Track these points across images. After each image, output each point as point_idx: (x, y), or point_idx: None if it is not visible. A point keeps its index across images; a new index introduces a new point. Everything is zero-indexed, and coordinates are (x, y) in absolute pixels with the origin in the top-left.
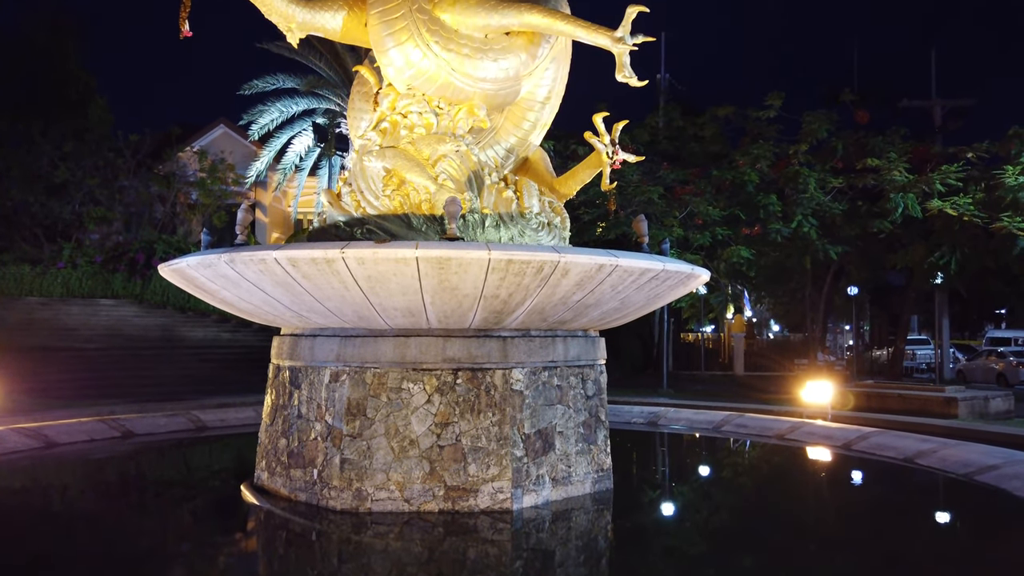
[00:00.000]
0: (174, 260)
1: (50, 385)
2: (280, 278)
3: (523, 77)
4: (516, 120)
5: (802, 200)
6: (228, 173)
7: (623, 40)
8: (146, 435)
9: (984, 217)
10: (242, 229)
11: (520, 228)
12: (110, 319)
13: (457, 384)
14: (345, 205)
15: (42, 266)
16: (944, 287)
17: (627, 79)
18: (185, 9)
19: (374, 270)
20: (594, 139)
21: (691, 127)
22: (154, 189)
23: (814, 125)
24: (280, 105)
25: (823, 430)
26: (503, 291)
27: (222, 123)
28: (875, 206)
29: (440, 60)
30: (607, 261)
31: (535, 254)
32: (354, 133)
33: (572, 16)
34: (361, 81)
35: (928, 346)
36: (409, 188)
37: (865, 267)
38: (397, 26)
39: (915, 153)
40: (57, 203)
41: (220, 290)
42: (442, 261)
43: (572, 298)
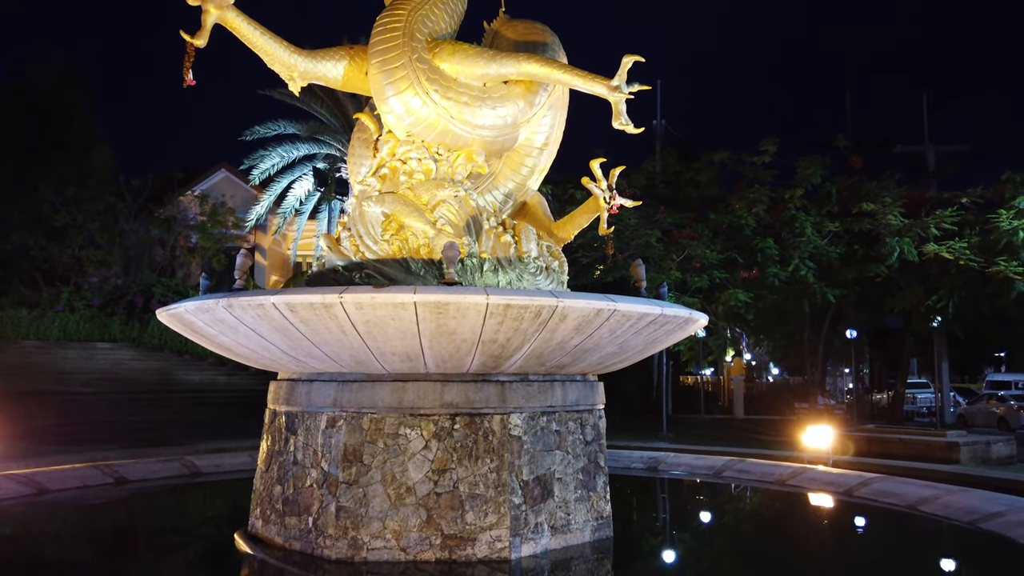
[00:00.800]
0: (172, 305)
1: (44, 430)
2: (278, 323)
3: (521, 124)
4: (514, 165)
5: (799, 244)
6: (228, 217)
7: (619, 89)
8: (140, 481)
9: (980, 261)
10: (241, 274)
11: (518, 272)
12: (107, 363)
13: (455, 429)
14: (344, 250)
15: (40, 310)
16: (942, 330)
17: (623, 126)
18: (189, 59)
19: (372, 315)
20: (591, 184)
21: (687, 172)
22: (154, 233)
23: (809, 170)
24: (281, 150)
25: (825, 476)
26: (501, 335)
27: (223, 168)
28: (871, 250)
29: (439, 108)
30: (605, 306)
31: (533, 299)
32: (354, 179)
33: (569, 65)
34: (361, 128)
35: (928, 390)
36: (408, 233)
37: (863, 310)
38: (397, 75)
39: (910, 198)
40: (57, 247)
41: (218, 335)
42: (440, 306)
43: (570, 342)
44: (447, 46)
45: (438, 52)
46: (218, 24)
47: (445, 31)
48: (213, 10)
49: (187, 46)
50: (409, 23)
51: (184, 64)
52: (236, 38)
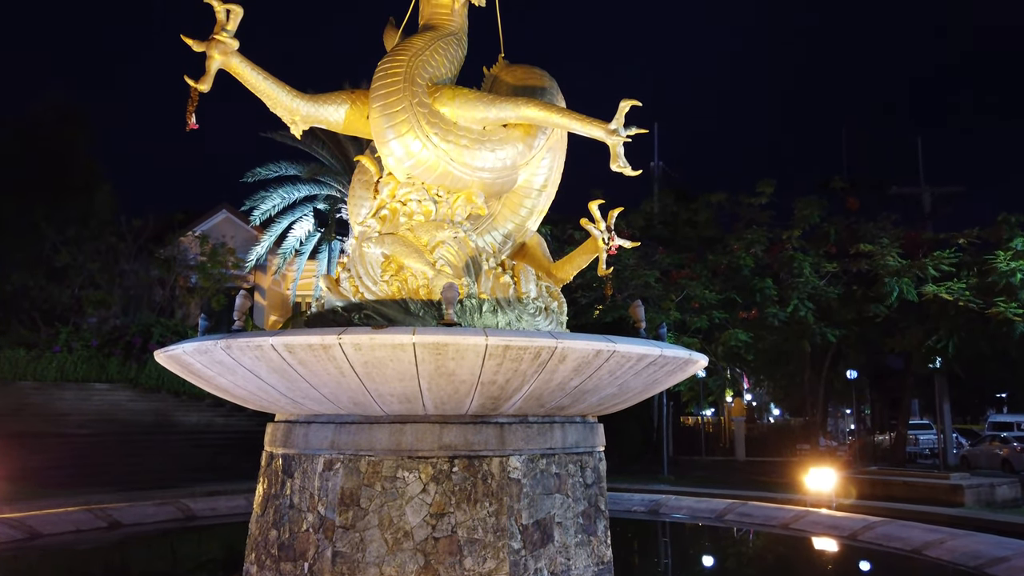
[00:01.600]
0: (171, 347)
1: (39, 472)
2: (276, 364)
3: (520, 166)
4: (513, 207)
5: (797, 284)
6: (228, 257)
7: (617, 132)
8: (133, 525)
9: (979, 302)
10: (240, 315)
11: (517, 313)
12: (103, 404)
13: (453, 472)
14: (343, 290)
15: (38, 350)
16: (943, 371)
17: (621, 169)
18: (192, 103)
19: (371, 356)
20: (590, 225)
21: (685, 212)
22: (154, 273)
23: (806, 211)
24: (282, 191)
25: (828, 519)
26: (500, 377)
27: (224, 208)
28: (870, 290)
29: (439, 150)
30: (604, 347)
31: (532, 340)
32: (354, 220)
33: (567, 109)
34: (362, 170)
35: (931, 431)
36: (407, 274)
37: (863, 351)
38: (398, 119)
39: (907, 239)
40: (57, 287)
41: (216, 376)
42: (439, 347)
43: (570, 384)
44: (447, 91)
45: (438, 96)
46: (221, 69)
47: (445, 76)
48: (218, 56)
49: (191, 91)
50: (410, 68)
51: (188, 108)
52: (239, 82)
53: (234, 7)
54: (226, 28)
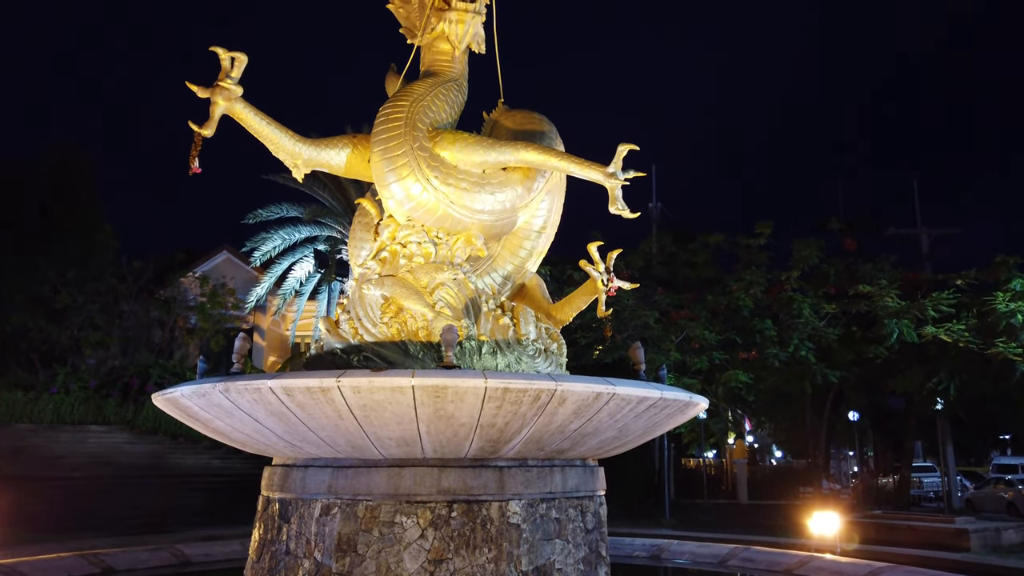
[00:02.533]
0: (169, 389)
1: (33, 517)
2: (274, 407)
3: (519, 209)
4: (513, 248)
5: (797, 325)
6: (228, 298)
7: (615, 175)
8: (127, 571)
9: (979, 343)
10: (239, 358)
11: (517, 355)
12: (99, 446)
13: (452, 517)
14: (343, 332)
15: (35, 391)
16: (945, 413)
17: (620, 211)
18: (196, 148)
19: (369, 399)
20: (589, 267)
21: (683, 253)
22: (154, 314)
23: (805, 252)
24: (283, 233)
25: (833, 565)
26: (500, 420)
27: (225, 249)
28: (870, 332)
29: (439, 193)
30: (604, 389)
31: (531, 382)
32: (354, 262)
33: (566, 153)
34: (363, 212)
35: (934, 473)
36: (407, 315)
37: (864, 392)
38: (399, 162)
39: (905, 280)
40: (56, 328)
41: (213, 419)
42: (438, 389)
43: (570, 427)
44: (447, 135)
45: (439, 141)
46: (225, 114)
47: (446, 121)
48: (222, 102)
49: (195, 135)
50: (411, 113)
51: (191, 152)
52: (241, 126)
53: (239, 55)
54: (230, 75)
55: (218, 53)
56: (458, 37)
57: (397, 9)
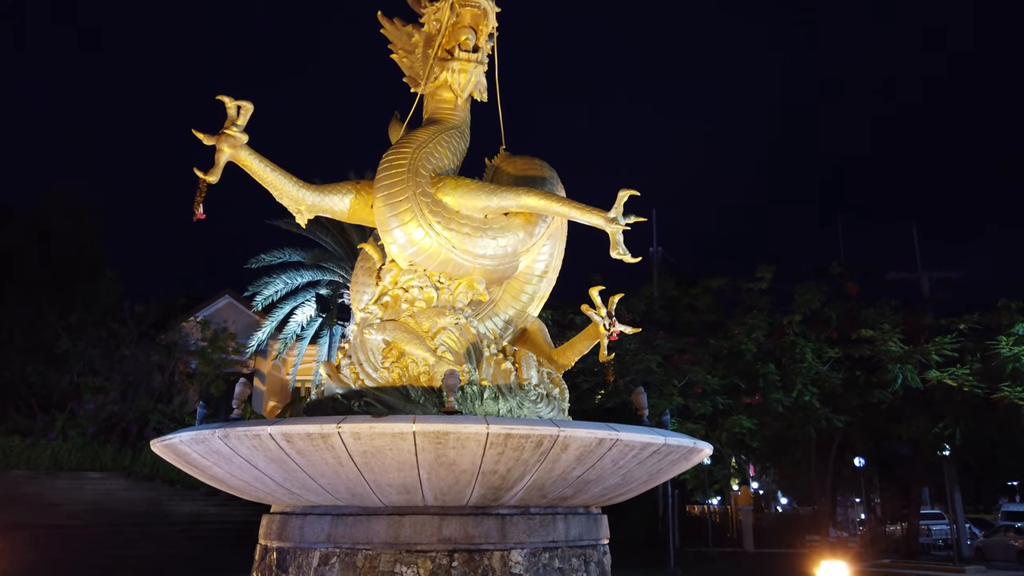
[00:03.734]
0: (167, 436)
1: (27, 567)
2: (274, 454)
3: (521, 253)
4: (515, 293)
5: (800, 369)
6: (229, 342)
7: (616, 220)
8: None
9: (984, 387)
10: (239, 403)
11: (519, 400)
12: (96, 493)
13: (453, 567)
14: (344, 377)
15: (33, 437)
16: (952, 459)
17: (621, 256)
18: (201, 194)
19: (370, 445)
20: (591, 312)
21: (685, 297)
22: (154, 358)
23: (806, 296)
24: (285, 277)
25: None
26: (501, 466)
27: (227, 294)
28: (873, 376)
29: (441, 238)
30: (607, 435)
31: (534, 428)
32: (356, 306)
33: (567, 198)
34: (365, 257)
35: (943, 521)
36: (408, 360)
37: (870, 437)
38: (401, 208)
39: (907, 324)
40: (56, 373)
41: (212, 466)
42: (439, 435)
43: (572, 473)
44: (450, 180)
45: (441, 186)
46: (230, 161)
47: (448, 167)
48: (227, 149)
49: (200, 182)
50: (414, 160)
51: (196, 199)
52: (246, 173)
53: (244, 103)
54: (236, 123)
55: (225, 102)
56: (460, 86)
57: (401, 59)
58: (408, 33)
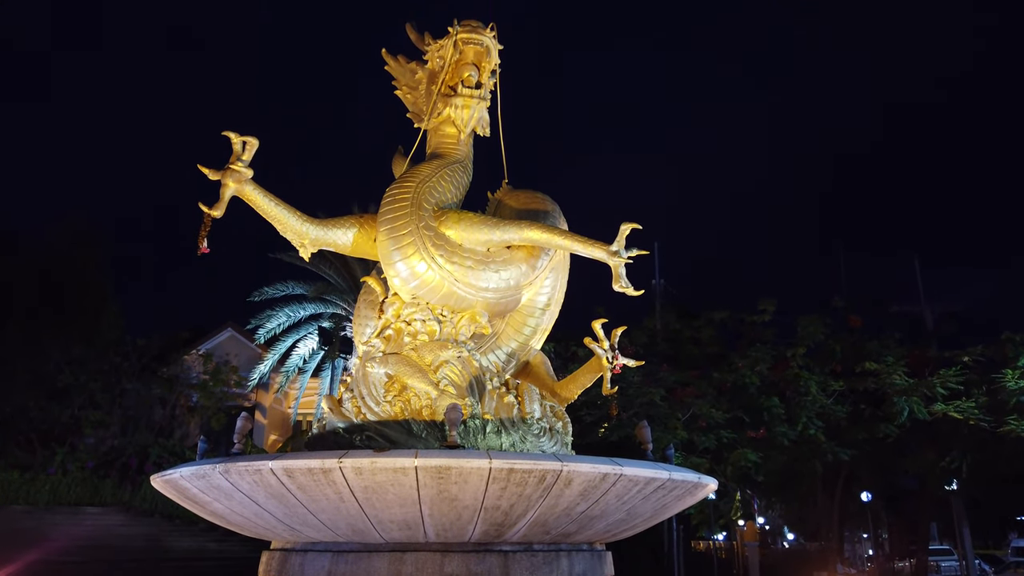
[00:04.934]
0: (167, 471)
1: None
2: (275, 489)
3: (524, 286)
4: (517, 326)
5: (805, 403)
6: (231, 375)
7: (618, 254)
8: None
9: (990, 420)
10: (240, 437)
11: (522, 434)
12: (94, 529)
13: None
14: (346, 411)
15: (32, 472)
16: (960, 493)
17: (624, 289)
18: (205, 228)
19: (371, 480)
20: (594, 345)
21: (688, 330)
22: (156, 392)
23: (810, 328)
24: (288, 310)
25: None
26: (504, 502)
27: (230, 327)
28: (879, 410)
29: (444, 271)
30: (611, 470)
31: (537, 463)
32: (358, 339)
33: (569, 232)
34: (368, 290)
35: (952, 556)
36: (410, 394)
37: (876, 472)
38: (404, 241)
39: (912, 357)
40: (57, 407)
41: (212, 502)
42: (442, 470)
43: (576, 509)
44: (453, 214)
45: (444, 220)
46: (235, 196)
47: (451, 201)
48: (232, 184)
49: (204, 216)
50: (417, 194)
51: (200, 233)
52: (251, 207)
53: (250, 139)
54: (241, 158)
55: (230, 137)
56: (463, 121)
57: (405, 95)
58: (412, 70)
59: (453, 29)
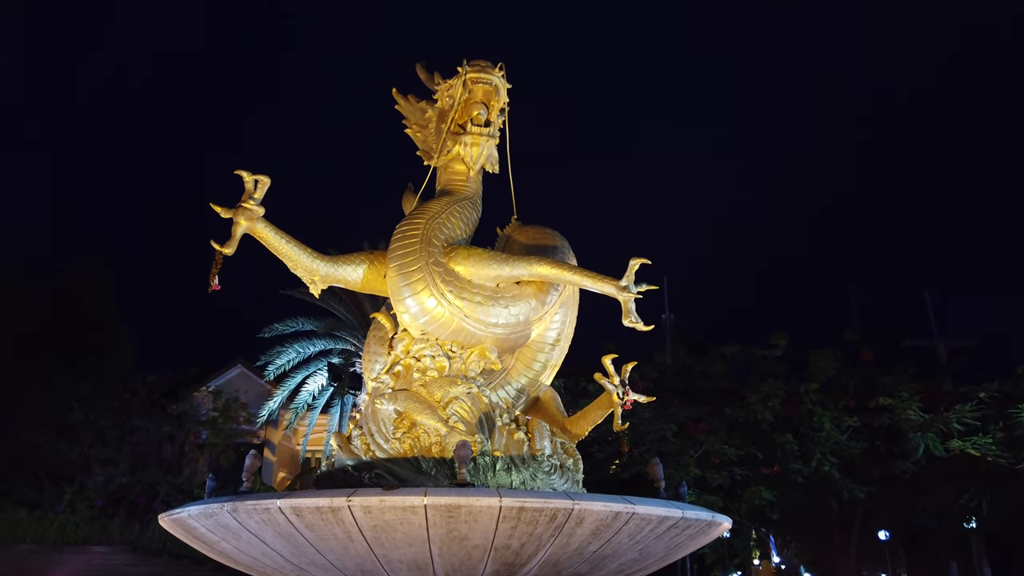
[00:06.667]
0: (176, 510)
1: None
2: (283, 528)
3: (533, 322)
4: (527, 361)
5: (819, 439)
6: (240, 412)
7: (627, 289)
8: None
9: (1008, 457)
10: (248, 475)
11: (532, 471)
12: (102, 569)
13: None
14: (354, 448)
15: (40, 510)
16: (980, 532)
17: (633, 324)
18: (216, 266)
19: (380, 519)
20: (604, 380)
21: (698, 364)
22: (165, 429)
23: (822, 363)
24: (297, 346)
25: None
26: (515, 541)
27: (240, 363)
28: (894, 446)
29: (453, 307)
30: (623, 508)
31: (548, 501)
32: (368, 376)
33: (579, 267)
34: (377, 326)
35: None
36: (420, 431)
37: (893, 509)
38: (414, 277)
39: (926, 392)
40: (66, 444)
41: (220, 541)
42: (451, 509)
43: (588, 548)
44: (462, 250)
45: (453, 256)
46: (246, 233)
47: (460, 237)
48: (244, 222)
49: (216, 254)
50: (426, 230)
51: (212, 270)
52: (262, 244)
53: (262, 177)
54: (253, 196)
55: (242, 176)
56: (473, 159)
57: (415, 134)
58: (422, 109)
59: (463, 69)
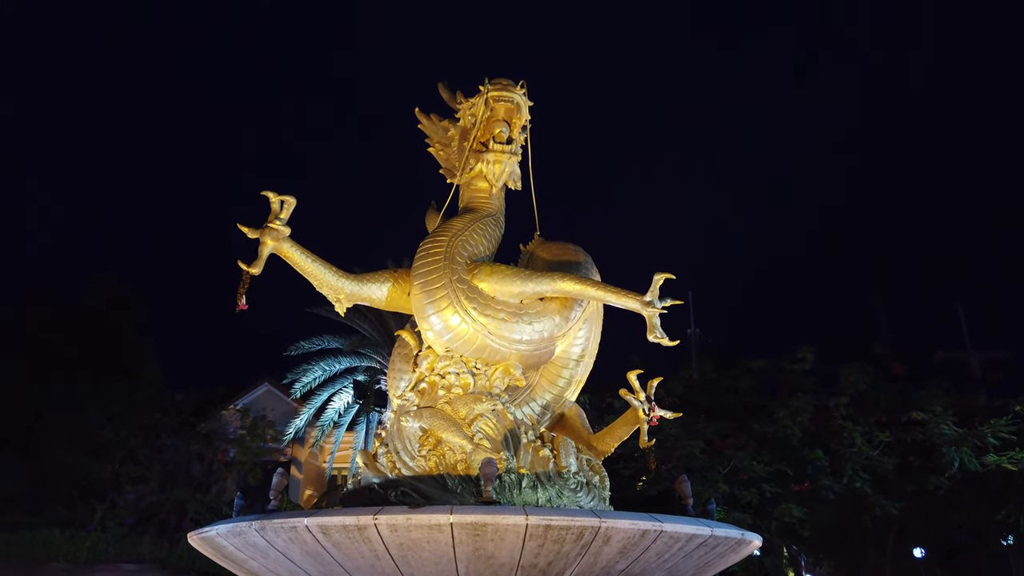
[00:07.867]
0: (204, 529)
1: None
2: (310, 547)
3: (557, 338)
4: (551, 377)
5: (850, 455)
6: (267, 430)
7: (652, 304)
8: None
9: None
10: (276, 494)
11: (558, 489)
12: None
13: None
14: (380, 466)
15: (72, 529)
16: (1018, 548)
17: (659, 339)
18: (244, 285)
19: (406, 537)
20: (629, 396)
21: (725, 379)
22: (194, 447)
23: (852, 377)
24: (324, 364)
25: None
26: (542, 559)
27: (267, 381)
28: (928, 461)
29: (477, 324)
30: (651, 526)
31: (575, 519)
32: (393, 393)
33: (602, 283)
34: (402, 344)
35: None
36: (445, 448)
37: (928, 526)
38: (438, 295)
39: (960, 406)
40: (98, 464)
41: (248, 560)
42: (477, 527)
43: (615, 567)
44: (485, 267)
45: (477, 273)
46: (273, 253)
47: (484, 254)
48: (270, 242)
49: (243, 274)
50: (450, 248)
51: (239, 290)
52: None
53: (288, 198)
54: (279, 217)
55: (269, 197)
56: (495, 176)
57: (438, 152)
58: (444, 127)
59: (484, 88)
